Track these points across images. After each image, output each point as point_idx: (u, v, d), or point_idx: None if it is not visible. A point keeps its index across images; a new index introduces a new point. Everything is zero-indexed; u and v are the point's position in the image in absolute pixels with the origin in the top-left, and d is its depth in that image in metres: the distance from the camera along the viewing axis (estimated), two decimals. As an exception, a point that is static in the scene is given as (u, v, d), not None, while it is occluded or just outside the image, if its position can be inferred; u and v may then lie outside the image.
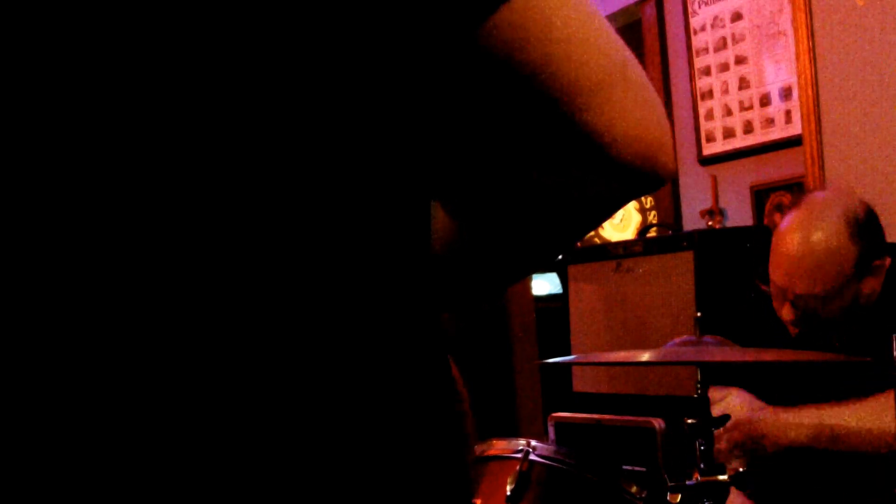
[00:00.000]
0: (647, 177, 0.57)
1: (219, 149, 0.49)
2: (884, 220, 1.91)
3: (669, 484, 1.53)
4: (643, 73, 0.57)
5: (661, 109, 0.57)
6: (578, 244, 3.05)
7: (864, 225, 1.81)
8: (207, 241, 0.49)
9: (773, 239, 1.91)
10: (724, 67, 3.23)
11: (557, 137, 0.54)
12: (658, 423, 2.40)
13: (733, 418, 1.70)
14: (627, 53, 0.56)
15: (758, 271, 2.02)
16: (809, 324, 1.86)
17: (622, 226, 3.76)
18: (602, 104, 0.54)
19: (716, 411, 1.60)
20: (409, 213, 0.56)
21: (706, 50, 3.29)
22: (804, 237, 1.81)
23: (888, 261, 1.84)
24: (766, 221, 3.06)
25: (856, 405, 1.75)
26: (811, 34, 2.72)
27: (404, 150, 0.55)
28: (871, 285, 1.83)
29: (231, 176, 0.49)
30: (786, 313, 1.85)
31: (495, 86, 0.53)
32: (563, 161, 0.56)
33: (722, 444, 1.76)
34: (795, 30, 2.76)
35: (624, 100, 0.55)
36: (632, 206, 3.71)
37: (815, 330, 1.87)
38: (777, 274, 1.86)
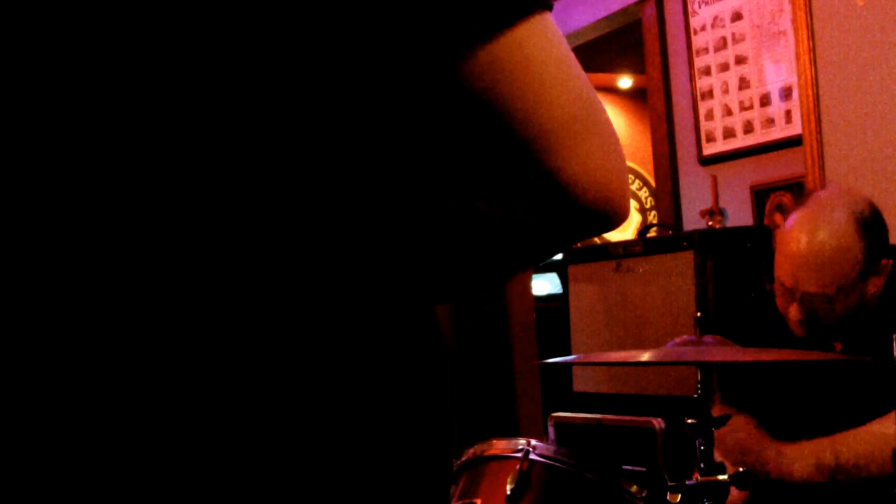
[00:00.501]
0: (601, 220, 0.58)
1: (218, 150, 0.49)
2: (885, 220, 1.91)
3: (669, 484, 1.53)
4: (609, 119, 0.59)
5: (622, 157, 0.59)
6: (578, 244, 3.06)
7: (871, 223, 1.80)
8: (207, 240, 0.49)
9: (778, 238, 1.90)
10: (725, 67, 3.23)
11: (521, 175, 0.56)
12: (658, 423, 2.40)
13: (739, 446, 1.70)
14: (596, 99, 0.58)
15: (764, 270, 2.02)
16: (816, 324, 1.84)
17: (622, 226, 3.75)
18: (569, 147, 0.55)
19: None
20: (404, 212, 0.57)
21: (706, 50, 3.29)
22: (811, 235, 1.79)
23: (890, 263, 1.83)
24: (766, 221, 3.06)
25: (859, 434, 1.74)
26: (811, 34, 2.72)
27: (394, 152, 0.55)
28: (875, 284, 1.83)
29: (229, 176, 0.49)
30: (792, 313, 1.84)
31: (467, 119, 0.54)
32: (520, 196, 0.57)
33: (721, 457, 1.76)
34: (795, 30, 2.76)
35: (591, 144, 0.56)
36: (632, 207, 3.71)
37: (820, 331, 1.85)
38: (783, 273, 1.85)
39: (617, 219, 0.59)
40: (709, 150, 3.31)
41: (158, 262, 0.48)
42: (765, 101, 3.09)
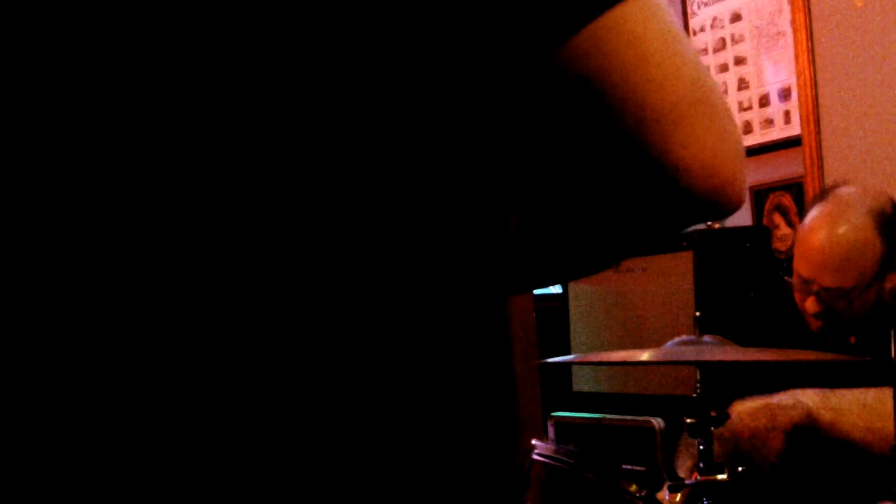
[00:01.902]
0: (713, 208, 0.55)
1: (218, 143, 0.49)
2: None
3: (669, 483, 1.53)
4: (725, 103, 0.55)
5: (738, 141, 0.56)
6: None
7: (891, 220, 1.81)
8: (208, 239, 0.49)
9: (799, 233, 1.91)
10: (724, 68, 3.23)
11: (630, 162, 0.53)
12: (658, 423, 2.41)
13: (746, 429, 1.69)
14: (707, 76, 0.54)
15: (782, 265, 2.01)
16: (833, 319, 1.85)
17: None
18: (680, 130, 0.52)
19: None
20: (424, 203, 0.56)
21: (705, 51, 3.30)
22: (831, 231, 1.81)
23: None
24: (765, 221, 3.06)
25: (856, 392, 1.75)
26: (810, 35, 2.72)
27: (416, 140, 0.54)
28: (893, 281, 1.83)
29: (231, 168, 0.49)
30: (809, 306, 1.85)
31: (572, 106, 0.51)
32: (628, 185, 0.54)
33: (720, 445, 1.76)
34: (795, 30, 2.76)
35: (702, 126, 0.52)
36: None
37: (837, 326, 1.86)
38: (803, 267, 1.85)
39: (730, 206, 0.55)
40: (708, 150, 3.30)
41: (159, 260, 0.48)
42: (764, 101, 3.09)
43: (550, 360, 1.92)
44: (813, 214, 1.88)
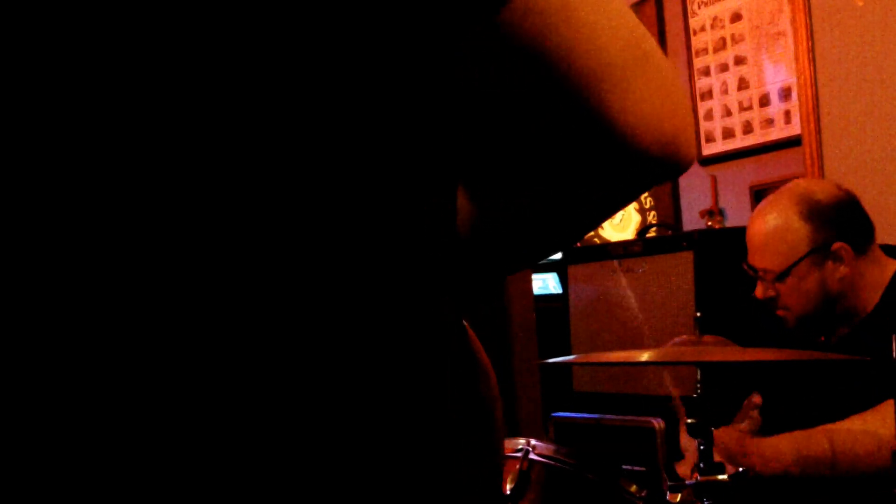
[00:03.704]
0: (665, 165, 0.55)
1: (223, 135, 0.49)
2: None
3: (669, 484, 1.53)
4: (664, 59, 0.55)
5: (682, 96, 0.56)
6: (578, 244, 3.05)
7: (820, 208, 1.93)
8: (209, 231, 0.49)
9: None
10: (724, 68, 3.23)
11: (575, 125, 0.53)
12: (658, 423, 2.41)
13: (726, 454, 1.71)
14: (646, 35, 0.54)
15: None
16: (776, 303, 1.94)
17: (622, 226, 3.75)
18: (623, 91, 0.52)
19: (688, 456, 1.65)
20: (425, 203, 0.55)
21: (705, 50, 3.30)
22: (760, 216, 1.99)
23: (850, 249, 1.89)
24: (765, 221, 3.06)
25: (842, 425, 1.76)
26: (811, 34, 2.72)
27: (417, 138, 0.54)
28: (839, 271, 1.89)
29: (236, 162, 0.49)
30: (758, 292, 1.98)
31: (513, 73, 0.51)
32: (579, 148, 0.54)
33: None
34: (795, 30, 2.76)
35: (645, 86, 0.53)
36: (631, 206, 3.71)
37: (798, 323, 1.93)
38: (748, 255, 2.01)
39: (681, 162, 0.56)
40: (708, 150, 3.31)
41: (160, 259, 0.48)
42: (764, 101, 3.09)
43: (550, 360, 1.92)
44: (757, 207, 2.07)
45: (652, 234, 3.31)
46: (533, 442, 1.63)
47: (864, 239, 1.94)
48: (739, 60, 3.17)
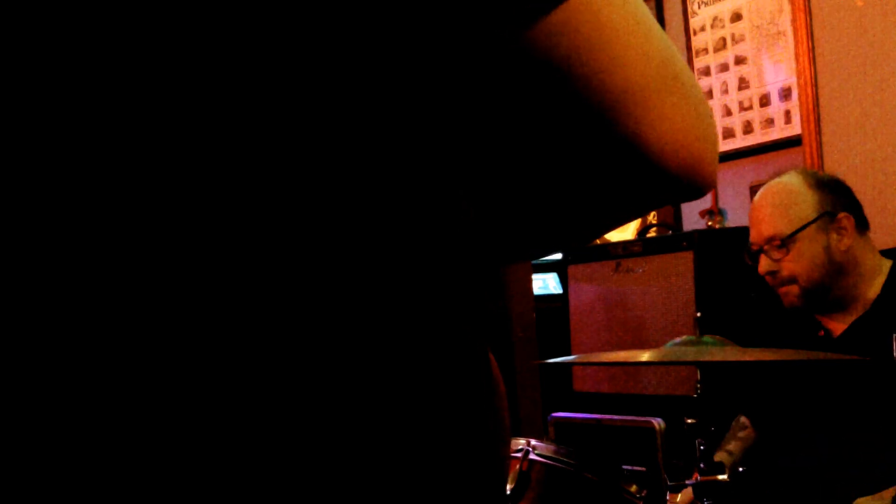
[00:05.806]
0: (685, 187, 0.55)
1: (228, 135, 0.49)
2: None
3: (669, 484, 1.53)
4: (693, 79, 0.55)
5: (710, 120, 0.56)
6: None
7: (823, 180, 2.00)
8: (212, 234, 0.49)
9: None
10: (724, 68, 3.23)
11: (602, 143, 0.53)
12: (658, 423, 2.41)
13: None
14: (676, 56, 0.54)
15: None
16: (788, 282, 1.95)
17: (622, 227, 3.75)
18: (649, 109, 0.52)
19: None
20: (435, 203, 0.55)
21: (706, 50, 3.30)
22: (766, 191, 2.05)
23: (852, 220, 1.93)
24: (765, 221, 3.06)
25: None
26: (811, 34, 2.72)
27: (430, 144, 0.54)
28: (841, 242, 1.93)
29: (240, 160, 0.49)
30: (761, 267, 2.00)
31: (538, 89, 0.51)
32: (604, 165, 0.54)
33: None
34: (795, 30, 2.76)
35: (673, 108, 0.53)
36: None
37: (803, 294, 1.95)
38: (752, 233, 2.04)
39: (703, 185, 0.55)
40: (708, 150, 3.30)
41: (161, 258, 0.48)
42: (764, 101, 3.09)
43: (550, 360, 1.92)
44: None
45: (652, 234, 3.31)
46: (533, 442, 1.63)
47: (863, 221, 1.98)
48: (739, 60, 3.17)
